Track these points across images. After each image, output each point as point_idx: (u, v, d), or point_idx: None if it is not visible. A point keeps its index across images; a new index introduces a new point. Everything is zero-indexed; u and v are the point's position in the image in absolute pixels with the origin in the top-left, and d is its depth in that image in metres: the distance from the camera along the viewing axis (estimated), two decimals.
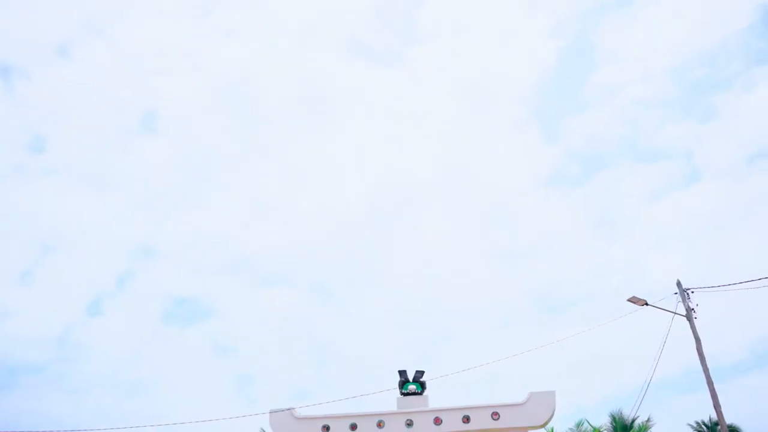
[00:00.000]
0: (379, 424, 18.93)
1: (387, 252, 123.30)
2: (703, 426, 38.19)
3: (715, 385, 16.20)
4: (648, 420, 32.55)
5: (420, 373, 19.24)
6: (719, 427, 17.08)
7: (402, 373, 19.25)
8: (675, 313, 16.59)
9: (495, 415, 18.32)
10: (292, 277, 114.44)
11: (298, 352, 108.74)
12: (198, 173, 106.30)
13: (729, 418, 30.23)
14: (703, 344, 16.51)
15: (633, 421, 31.40)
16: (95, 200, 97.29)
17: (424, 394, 19.05)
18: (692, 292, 16.61)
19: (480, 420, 18.43)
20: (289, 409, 19.35)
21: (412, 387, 19.02)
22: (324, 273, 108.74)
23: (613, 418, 34.52)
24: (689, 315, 16.40)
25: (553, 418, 18.68)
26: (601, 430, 25.00)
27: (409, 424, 18.74)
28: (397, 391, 19.15)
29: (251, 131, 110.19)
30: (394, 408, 19.07)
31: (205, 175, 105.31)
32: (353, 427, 19.18)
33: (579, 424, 22.97)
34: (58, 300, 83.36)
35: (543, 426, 18.53)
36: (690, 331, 16.58)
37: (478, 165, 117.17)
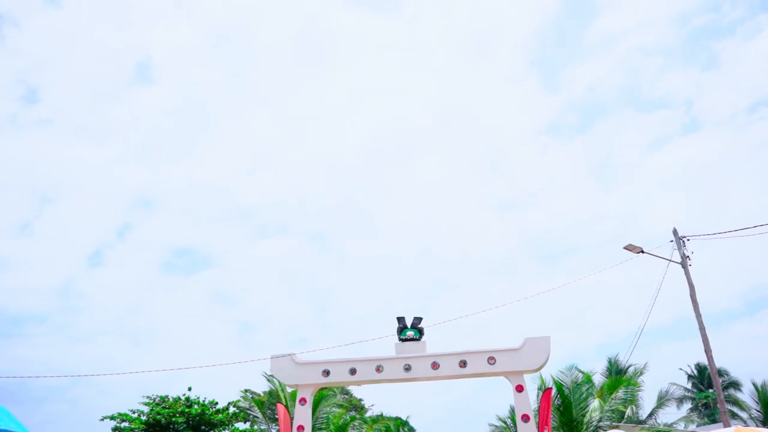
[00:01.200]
0: (378, 369, 19.38)
1: (385, 201, 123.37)
2: (693, 370, 39.23)
3: (707, 331, 16.51)
4: (645, 366, 33.38)
5: (418, 320, 19.57)
6: (709, 371, 17.49)
7: (400, 319, 19.57)
8: (670, 261, 16.74)
9: (491, 360, 18.74)
10: (291, 226, 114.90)
11: (298, 301, 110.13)
12: (195, 123, 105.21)
13: (719, 363, 30.93)
14: (696, 292, 16.72)
15: (627, 367, 32.21)
16: (92, 150, 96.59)
17: (422, 339, 19.42)
18: (688, 239, 16.74)
19: (476, 364, 18.86)
20: (289, 355, 19.76)
21: (410, 333, 19.37)
22: (322, 222, 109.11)
23: (609, 363, 35.41)
24: (684, 262, 16.56)
25: (547, 363, 19.14)
26: (593, 374, 25.56)
27: (408, 368, 19.19)
28: (396, 337, 19.52)
29: (248, 80, 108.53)
30: (392, 353, 19.48)
31: (203, 124, 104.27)
32: (353, 371, 19.64)
33: (570, 369, 23.51)
34: (59, 251, 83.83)
35: (538, 370, 18.97)
36: (684, 280, 16.78)
37: (476, 114, 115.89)
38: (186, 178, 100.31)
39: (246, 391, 30.00)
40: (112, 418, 32.16)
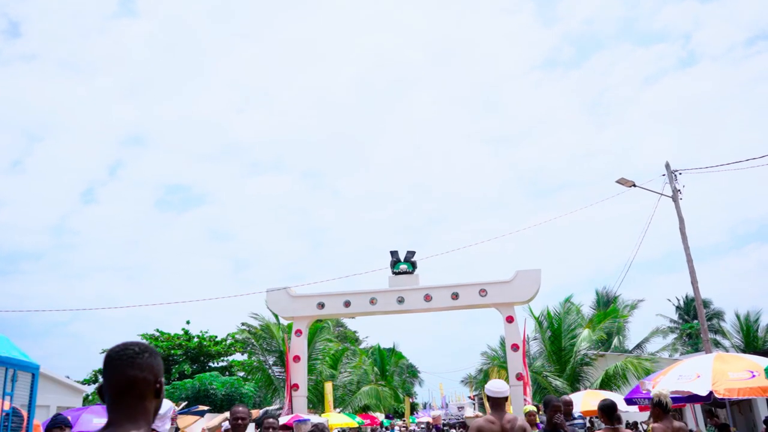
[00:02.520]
0: (372, 302, 19.78)
1: (377, 137, 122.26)
2: (680, 302, 40.21)
3: (694, 264, 16.80)
4: (636, 302, 34.10)
5: (411, 254, 19.82)
6: (695, 302, 17.93)
7: (393, 253, 19.83)
8: (661, 195, 16.84)
9: (482, 292, 19.13)
10: (284, 164, 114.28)
11: (292, 237, 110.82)
12: (184, 58, 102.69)
13: (705, 295, 31.64)
14: (686, 225, 16.91)
15: (615, 298, 32.93)
16: (79, 86, 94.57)
17: (415, 273, 19.76)
18: (680, 173, 16.78)
19: (468, 296, 19.27)
20: (285, 288, 20.09)
21: (403, 266, 19.66)
22: (315, 159, 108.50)
23: (598, 295, 36.19)
24: (675, 196, 16.66)
25: (538, 295, 19.56)
26: (582, 306, 26.21)
27: (401, 301, 19.59)
28: (389, 270, 19.83)
29: (238, 14, 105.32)
30: (386, 286, 19.85)
31: (191, 59, 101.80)
32: (347, 304, 20.05)
33: (566, 301, 24.06)
34: (51, 188, 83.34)
35: (528, 302, 19.43)
36: (674, 214, 16.92)
37: (469, 48, 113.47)
38: (176, 115, 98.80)
39: (243, 324, 30.63)
40: None
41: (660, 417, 6.05)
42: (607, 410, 6.22)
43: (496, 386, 5.46)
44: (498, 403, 5.37)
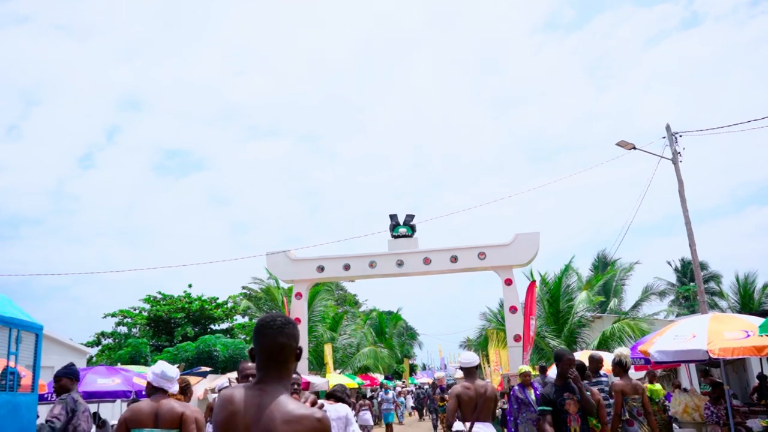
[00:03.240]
0: (371, 265, 19.89)
1: (376, 100, 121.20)
2: (678, 264, 40.47)
3: (693, 226, 16.85)
4: (633, 264, 34.30)
5: (410, 217, 19.84)
6: (692, 265, 18.05)
7: (393, 216, 19.85)
8: (661, 157, 16.78)
9: (481, 255, 19.23)
10: (282, 127, 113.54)
11: (291, 201, 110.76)
12: (182, 20, 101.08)
13: (702, 257, 31.86)
14: (685, 188, 16.90)
15: (613, 261, 33.14)
16: (75, 49, 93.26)
17: (414, 236, 19.82)
18: (680, 135, 16.69)
19: (467, 260, 19.37)
20: (284, 251, 20.18)
21: (402, 230, 19.70)
22: (313, 122, 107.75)
23: (596, 258, 36.39)
24: (675, 158, 16.61)
25: (537, 258, 19.67)
26: (580, 269, 26.46)
27: (400, 264, 19.70)
28: (388, 233, 19.89)
29: None
30: (385, 250, 19.93)
31: (190, 22, 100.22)
32: (346, 267, 20.17)
33: (568, 265, 24.23)
34: (49, 153, 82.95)
35: (527, 265, 19.53)
36: (674, 177, 16.90)
37: (470, 10, 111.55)
38: (174, 78, 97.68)
39: (244, 288, 30.89)
40: (114, 315, 33.21)
41: (620, 375, 6.86)
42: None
43: (466, 358, 6.48)
44: (470, 372, 6.35)
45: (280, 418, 2.03)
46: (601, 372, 7.48)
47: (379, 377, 32.48)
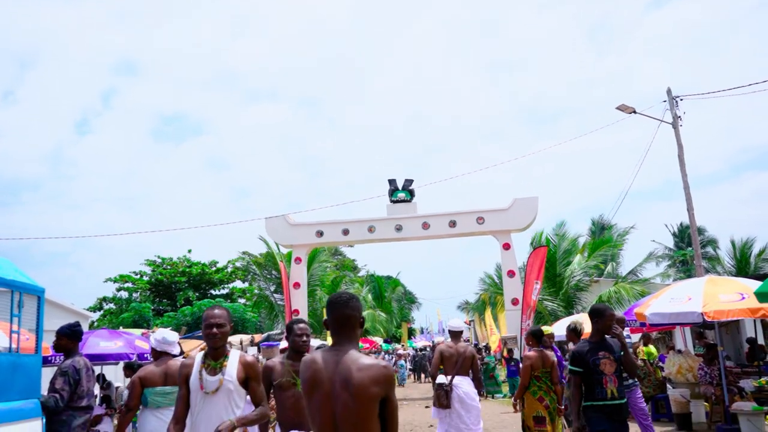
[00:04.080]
0: (370, 230, 19.96)
1: (375, 64, 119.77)
2: (675, 229, 40.62)
3: (691, 191, 16.87)
4: (633, 226, 34.45)
5: (409, 182, 19.83)
6: (690, 229, 18.13)
7: (391, 181, 19.83)
8: (661, 121, 16.69)
9: (480, 220, 19.28)
10: (280, 92, 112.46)
11: (290, 166, 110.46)
12: None
13: (700, 222, 31.96)
14: (685, 153, 16.85)
15: (611, 226, 33.26)
16: (69, 12, 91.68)
17: (413, 201, 19.84)
18: (681, 99, 16.57)
19: (466, 224, 19.44)
20: (283, 216, 20.21)
21: (401, 195, 19.71)
22: (312, 86, 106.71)
23: (593, 222, 36.52)
24: (675, 122, 16.52)
25: (534, 223, 19.73)
26: (578, 237, 26.48)
27: (399, 229, 19.77)
28: (387, 198, 19.91)
29: None
30: (384, 215, 19.98)
31: None
32: (345, 232, 20.24)
33: (559, 225, 24.32)
34: (45, 118, 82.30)
35: (525, 229, 19.61)
36: (674, 141, 16.83)
37: None
38: (169, 41, 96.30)
39: (244, 252, 31.01)
40: (115, 280, 33.41)
41: (575, 341, 7.39)
42: (535, 335, 7.38)
43: (454, 323, 7.96)
44: (455, 335, 7.74)
45: (354, 368, 2.59)
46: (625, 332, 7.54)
47: (379, 340, 32.87)
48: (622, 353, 5.08)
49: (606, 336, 5.12)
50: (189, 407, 3.64)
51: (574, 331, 7.41)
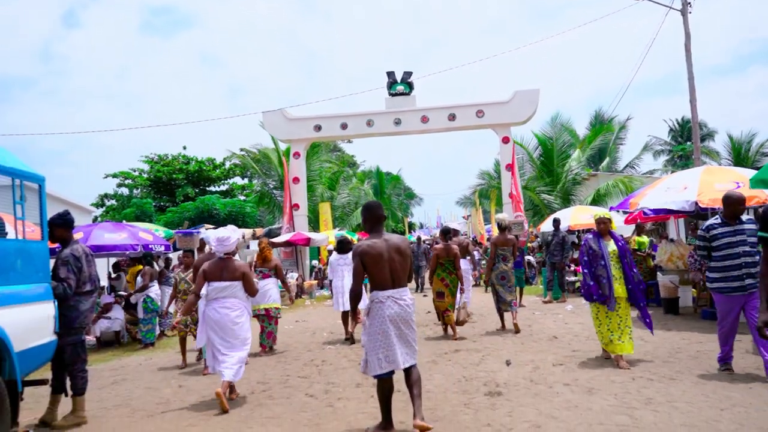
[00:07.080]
0: (369, 123, 19.77)
1: None
2: (675, 124, 40.24)
3: (695, 83, 16.55)
4: (628, 118, 34.16)
5: (408, 74, 19.40)
6: (691, 122, 17.96)
7: (390, 74, 19.39)
8: (670, 8, 16.09)
9: (479, 113, 19.07)
10: None
11: (287, 61, 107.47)
12: None
13: (700, 116, 31.63)
14: (691, 44, 16.36)
15: (611, 119, 32.91)
16: None
17: (412, 94, 19.50)
18: None
19: (465, 117, 19.24)
20: (280, 110, 19.94)
21: (400, 87, 19.36)
22: None
23: (594, 115, 36.14)
24: (684, 9, 15.93)
25: (535, 117, 19.52)
26: (576, 128, 26.28)
27: (398, 122, 19.57)
28: (386, 91, 19.56)
29: None
30: (382, 108, 19.71)
31: None
32: (344, 126, 20.05)
33: (554, 118, 24.13)
34: (31, 10, 79.12)
35: (525, 122, 19.43)
36: (680, 32, 16.31)
37: None
38: None
39: (242, 149, 30.89)
40: (114, 176, 33.52)
41: (500, 232, 9.63)
42: (443, 232, 9.23)
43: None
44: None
45: (398, 240, 4.52)
46: (743, 218, 5.92)
47: None
48: None
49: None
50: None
51: (499, 227, 9.73)
